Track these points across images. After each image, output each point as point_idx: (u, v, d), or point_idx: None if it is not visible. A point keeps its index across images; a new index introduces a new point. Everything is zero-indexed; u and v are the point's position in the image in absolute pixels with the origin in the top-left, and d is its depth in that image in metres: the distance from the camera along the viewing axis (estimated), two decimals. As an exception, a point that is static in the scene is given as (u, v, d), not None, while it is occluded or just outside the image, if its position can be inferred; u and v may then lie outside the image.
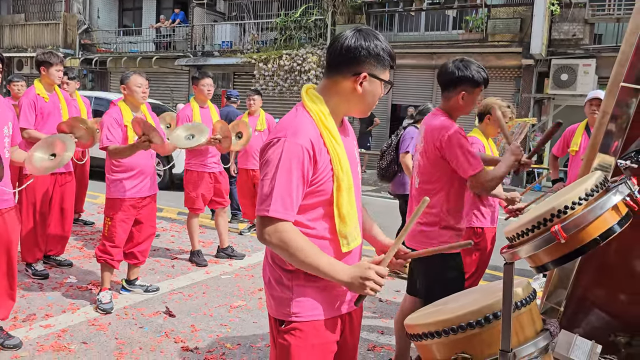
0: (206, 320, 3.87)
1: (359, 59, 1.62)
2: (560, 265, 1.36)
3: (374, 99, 1.69)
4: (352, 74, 1.63)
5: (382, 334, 3.78)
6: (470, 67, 2.60)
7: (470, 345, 1.52)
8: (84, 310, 3.92)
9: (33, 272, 4.53)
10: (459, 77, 2.61)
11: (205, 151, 5.05)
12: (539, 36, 11.72)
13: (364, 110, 1.72)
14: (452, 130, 2.57)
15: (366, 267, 1.58)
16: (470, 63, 2.62)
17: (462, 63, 2.62)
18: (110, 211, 3.94)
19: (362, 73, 1.62)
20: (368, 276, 1.56)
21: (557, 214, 1.30)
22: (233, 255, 5.45)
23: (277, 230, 1.56)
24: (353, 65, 1.63)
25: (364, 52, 1.61)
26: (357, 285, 1.57)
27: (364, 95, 1.66)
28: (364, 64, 1.62)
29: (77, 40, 19.60)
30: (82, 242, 5.77)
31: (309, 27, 15.28)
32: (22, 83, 6.51)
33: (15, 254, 3.21)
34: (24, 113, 4.43)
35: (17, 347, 3.24)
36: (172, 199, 8.41)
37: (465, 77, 2.60)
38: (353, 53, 1.62)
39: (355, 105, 1.69)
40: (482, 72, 2.62)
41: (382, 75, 1.65)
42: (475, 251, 3.52)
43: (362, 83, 1.63)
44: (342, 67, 1.65)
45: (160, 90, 18.18)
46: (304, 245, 1.57)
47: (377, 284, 1.57)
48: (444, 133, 2.58)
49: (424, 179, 2.72)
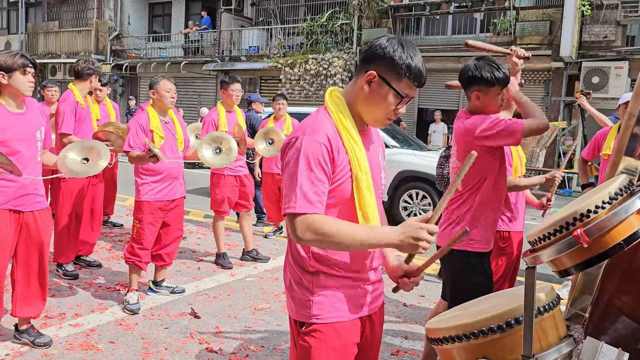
0: (230, 322, 3.91)
1: (373, 57, 1.60)
2: (583, 270, 1.34)
3: (380, 106, 1.62)
4: (364, 70, 1.62)
5: (405, 339, 3.76)
6: (483, 67, 2.55)
7: (491, 350, 1.50)
8: (112, 310, 4.00)
9: (64, 273, 4.65)
10: (470, 77, 2.59)
11: None
12: (569, 38, 11.51)
13: (375, 118, 1.65)
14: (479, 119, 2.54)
15: (417, 227, 1.52)
16: (485, 62, 2.57)
17: (476, 63, 2.59)
18: (139, 214, 4.02)
19: (370, 70, 1.60)
20: (420, 236, 1.51)
21: (579, 218, 1.28)
22: (258, 258, 5.49)
23: (308, 223, 1.54)
24: (367, 62, 1.62)
25: (379, 52, 1.59)
26: (408, 245, 1.53)
27: (370, 97, 1.62)
28: (376, 63, 1.60)
29: (108, 47, 20.07)
30: (111, 243, 5.89)
31: (335, 32, 15.32)
32: (55, 89, 6.70)
33: (47, 255, 3.30)
34: (66, 119, 4.52)
35: (47, 345, 3.33)
36: (198, 202, 8.53)
37: (476, 77, 2.57)
38: (372, 50, 1.61)
39: (363, 108, 1.65)
40: (497, 71, 2.55)
41: (394, 82, 1.59)
42: (502, 256, 3.47)
43: (370, 83, 1.61)
44: (360, 65, 1.66)
45: (189, 95, 18.48)
46: (340, 227, 1.53)
47: (428, 242, 1.53)
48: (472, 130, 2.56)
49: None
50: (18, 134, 3.00)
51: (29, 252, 3.18)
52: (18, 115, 3.05)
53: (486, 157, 2.59)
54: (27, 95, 3.06)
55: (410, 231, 1.52)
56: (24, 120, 3.08)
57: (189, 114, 16.90)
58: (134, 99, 16.98)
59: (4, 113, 2.99)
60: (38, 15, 22.79)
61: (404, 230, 1.53)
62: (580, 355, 1.67)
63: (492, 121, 2.51)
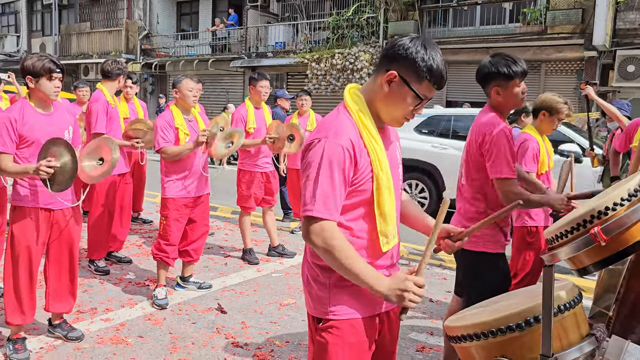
0: (256, 317, 3.96)
1: (396, 57, 1.59)
2: (602, 268, 1.31)
3: (398, 106, 1.61)
4: (384, 70, 1.62)
5: (431, 335, 3.74)
6: (499, 62, 2.54)
7: (510, 348, 1.49)
8: (141, 305, 4.10)
9: (95, 269, 4.77)
10: (487, 74, 2.59)
11: (258, 151, 5.16)
12: (602, 26, 11.17)
13: (393, 117, 1.65)
14: (498, 128, 2.51)
15: (403, 279, 1.56)
16: (500, 57, 2.57)
17: (492, 59, 2.59)
18: (165, 210, 4.10)
19: (391, 70, 1.59)
20: (406, 287, 1.55)
21: (597, 215, 1.25)
22: (284, 254, 5.53)
23: (323, 230, 1.56)
24: (388, 61, 1.61)
25: (402, 52, 1.58)
26: (395, 298, 1.57)
27: (389, 97, 1.61)
28: (397, 64, 1.59)
29: (138, 46, 20.43)
30: (141, 240, 6.02)
31: (361, 26, 15.23)
32: (86, 89, 6.87)
33: (77, 253, 3.39)
34: (99, 119, 4.62)
35: (79, 339, 3.43)
36: (226, 198, 8.62)
37: (493, 73, 2.56)
38: (394, 50, 1.60)
39: (382, 107, 1.64)
40: (514, 64, 2.52)
41: (413, 84, 1.58)
42: (530, 251, 3.42)
43: (390, 82, 1.60)
44: (381, 63, 1.64)
45: (217, 92, 18.68)
46: (346, 249, 1.57)
47: (415, 294, 1.55)
48: (491, 129, 2.53)
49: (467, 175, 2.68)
50: (47, 134, 3.09)
51: (60, 249, 3.28)
52: (46, 115, 3.15)
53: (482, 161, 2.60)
54: (53, 99, 3.13)
55: (396, 283, 1.57)
56: (52, 120, 3.17)
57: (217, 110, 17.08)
58: (164, 97, 17.25)
59: (33, 114, 3.09)
60: (70, 17, 23.35)
61: (391, 283, 1.58)
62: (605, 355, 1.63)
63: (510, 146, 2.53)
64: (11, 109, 3.08)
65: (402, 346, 3.51)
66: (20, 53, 23.84)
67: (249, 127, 5.06)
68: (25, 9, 24.49)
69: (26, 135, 3.04)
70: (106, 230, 4.85)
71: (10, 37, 24.50)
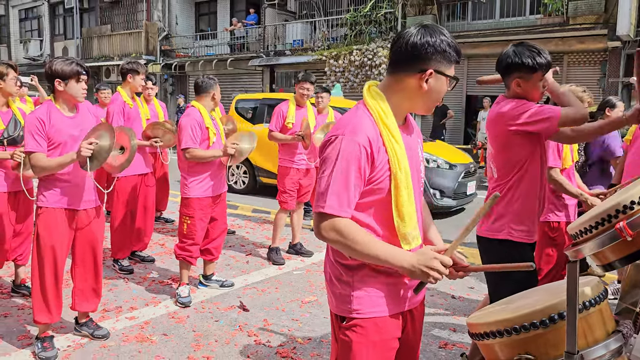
0: (278, 314, 3.98)
1: (426, 55, 1.59)
2: (627, 264, 1.28)
3: (439, 96, 1.65)
4: (417, 70, 1.60)
5: (454, 332, 3.71)
6: (523, 52, 2.46)
7: (534, 345, 1.47)
8: (164, 303, 4.15)
9: (120, 268, 4.85)
10: (510, 64, 2.50)
11: (294, 148, 5.28)
12: (626, 16, 10.91)
13: (429, 107, 1.69)
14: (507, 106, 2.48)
15: (431, 257, 1.55)
16: (524, 48, 2.48)
17: (515, 48, 2.50)
18: (188, 210, 4.12)
19: (428, 70, 1.59)
20: (433, 266, 1.54)
21: (622, 210, 1.22)
22: (301, 252, 5.54)
23: (333, 226, 1.57)
24: (419, 62, 1.60)
25: (430, 49, 1.58)
26: (419, 274, 1.56)
27: (429, 92, 1.63)
28: (430, 61, 1.59)
29: (157, 47, 20.64)
30: (164, 239, 6.09)
31: (379, 21, 15.14)
32: (108, 91, 6.98)
33: (101, 252, 3.45)
34: (114, 119, 4.75)
35: (105, 337, 3.49)
36: (245, 197, 8.68)
37: (516, 64, 2.47)
38: (419, 50, 1.59)
39: (420, 102, 1.66)
40: (539, 56, 2.44)
41: (447, 71, 1.62)
42: (552, 246, 3.36)
43: (427, 80, 1.60)
44: (408, 64, 1.62)
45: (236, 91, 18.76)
46: (360, 237, 1.56)
47: (440, 273, 1.55)
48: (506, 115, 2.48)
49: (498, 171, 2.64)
50: (72, 136, 3.16)
51: (84, 248, 3.34)
52: (71, 118, 3.21)
53: (524, 146, 2.51)
54: (80, 101, 3.21)
55: (424, 260, 1.55)
56: (77, 122, 3.23)
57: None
58: (183, 97, 17.41)
59: (60, 117, 3.15)
60: (91, 20, 23.72)
61: (418, 258, 1.56)
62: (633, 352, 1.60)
63: (526, 106, 2.44)
64: (38, 110, 3.15)
65: (425, 343, 3.49)
66: (44, 57, 24.31)
67: (288, 122, 5.27)
68: (47, 14, 24.94)
69: (52, 137, 3.11)
70: (129, 230, 4.92)
71: (34, 42, 24.98)
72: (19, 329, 3.63)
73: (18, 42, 26.02)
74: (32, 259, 3.26)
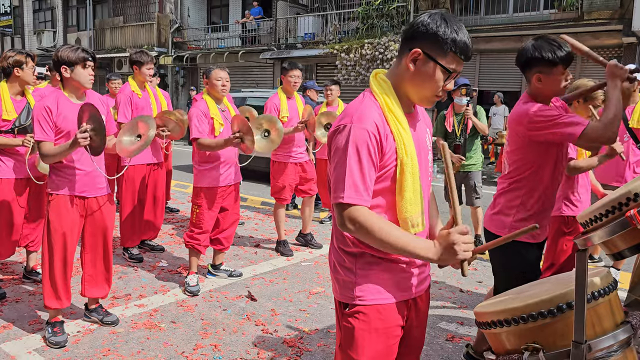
0: (286, 305, 3.99)
1: (417, 34, 1.57)
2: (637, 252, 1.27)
3: (427, 84, 1.58)
4: (407, 49, 1.59)
5: (461, 325, 3.70)
6: (542, 46, 2.40)
7: (542, 335, 1.46)
8: (173, 292, 4.18)
9: (129, 256, 4.89)
10: (530, 59, 2.45)
11: (290, 141, 5.15)
12: (642, 11, 10.77)
13: (423, 96, 1.62)
14: (533, 109, 2.43)
15: (445, 235, 1.53)
16: (544, 42, 2.42)
17: (535, 42, 2.44)
18: (198, 199, 4.15)
19: (414, 48, 1.57)
20: (453, 241, 1.51)
21: (633, 198, 1.21)
22: (310, 244, 5.54)
23: (356, 215, 1.54)
24: (410, 41, 1.59)
25: (422, 29, 1.55)
26: (447, 257, 1.53)
27: (415, 75, 1.59)
28: (419, 41, 1.56)
29: (169, 39, 20.69)
30: (173, 228, 6.13)
31: (391, 15, 15.05)
32: (118, 81, 7.00)
33: (111, 239, 3.48)
34: (122, 109, 4.79)
35: (114, 323, 3.53)
36: (255, 189, 8.70)
37: (536, 58, 2.42)
38: (413, 28, 1.58)
39: (410, 87, 1.62)
40: (559, 50, 2.39)
41: (439, 57, 1.55)
42: (567, 241, 3.34)
43: (415, 61, 1.58)
44: (404, 43, 1.62)
45: (247, 84, 18.76)
46: (384, 226, 1.54)
47: (465, 243, 1.51)
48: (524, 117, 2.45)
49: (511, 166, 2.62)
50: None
51: (94, 236, 3.37)
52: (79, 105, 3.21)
53: (540, 149, 2.47)
54: (88, 87, 3.22)
55: (443, 242, 1.53)
56: None
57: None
58: (195, 89, 17.44)
59: (68, 104, 3.17)
60: (104, 11, 23.81)
61: (438, 244, 1.54)
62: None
63: (551, 113, 2.37)
64: (46, 98, 3.17)
65: (432, 335, 3.49)
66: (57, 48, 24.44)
67: (282, 115, 5.10)
68: (61, 5, 25.07)
69: (60, 125, 3.13)
70: (138, 218, 4.95)
71: (47, 33, 25.13)
72: (30, 314, 3.68)
73: (32, 33, 26.18)
74: (42, 246, 3.29)
